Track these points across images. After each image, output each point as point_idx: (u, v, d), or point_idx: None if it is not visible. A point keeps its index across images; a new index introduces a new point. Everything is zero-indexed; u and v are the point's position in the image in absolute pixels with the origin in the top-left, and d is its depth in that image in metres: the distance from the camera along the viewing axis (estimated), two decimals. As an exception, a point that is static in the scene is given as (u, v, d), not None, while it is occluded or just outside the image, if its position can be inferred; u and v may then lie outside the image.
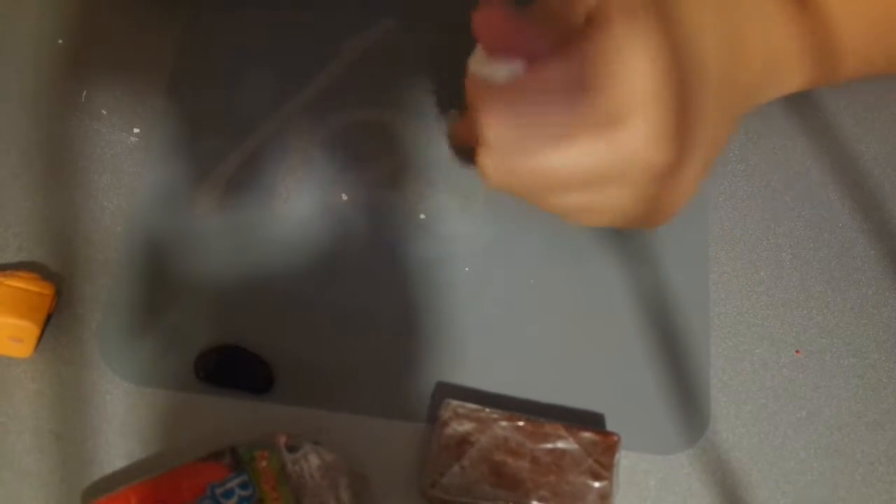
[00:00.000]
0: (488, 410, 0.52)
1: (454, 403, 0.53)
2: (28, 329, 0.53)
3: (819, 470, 0.55)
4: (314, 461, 0.51)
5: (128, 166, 0.60)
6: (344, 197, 0.59)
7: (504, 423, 0.52)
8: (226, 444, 0.51)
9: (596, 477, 0.51)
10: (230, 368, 0.54)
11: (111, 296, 0.56)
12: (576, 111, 0.39)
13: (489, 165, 0.41)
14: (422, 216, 0.59)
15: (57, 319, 0.56)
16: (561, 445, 0.52)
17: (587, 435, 0.52)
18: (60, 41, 0.63)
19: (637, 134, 0.39)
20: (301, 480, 0.50)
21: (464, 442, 0.52)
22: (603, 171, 0.40)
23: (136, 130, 0.61)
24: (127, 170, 0.60)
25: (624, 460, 0.54)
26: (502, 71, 0.42)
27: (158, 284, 0.57)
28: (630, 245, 0.59)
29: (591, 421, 0.55)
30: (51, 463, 0.53)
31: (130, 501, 0.49)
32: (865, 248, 0.60)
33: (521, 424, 0.52)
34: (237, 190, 0.59)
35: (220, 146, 0.60)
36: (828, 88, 0.64)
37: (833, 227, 0.61)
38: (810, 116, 0.64)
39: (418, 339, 0.56)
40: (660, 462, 0.55)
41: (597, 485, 0.51)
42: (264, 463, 0.50)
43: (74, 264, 0.57)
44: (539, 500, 0.51)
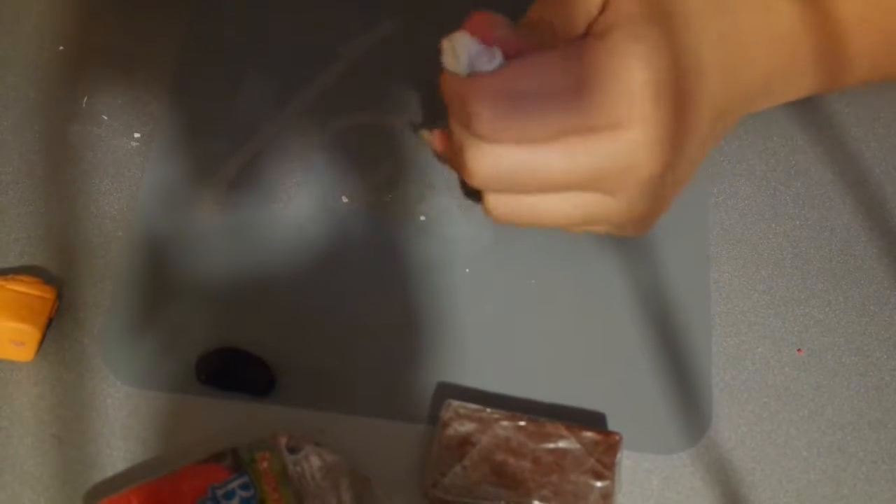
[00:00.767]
0: (489, 410, 0.52)
1: (455, 404, 0.53)
2: (29, 333, 0.53)
3: (822, 469, 0.55)
4: (315, 462, 0.51)
5: (129, 171, 0.60)
6: (344, 199, 0.60)
7: (505, 423, 0.52)
8: (227, 446, 0.51)
9: (598, 476, 0.51)
10: (231, 371, 0.54)
11: (112, 299, 0.56)
12: (574, 110, 0.39)
13: (478, 163, 0.40)
14: (422, 218, 0.59)
15: (58, 323, 0.56)
16: (562, 445, 0.52)
17: (589, 434, 0.52)
18: (61, 48, 0.64)
19: (634, 139, 0.39)
20: (302, 481, 0.50)
21: (465, 442, 0.52)
22: (597, 174, 0.40)
23: (137, 135, 0.61)
24: (128, 174, 0.60)
25: (626, 460, 0.54)
26: (486, 66, 0.41)
27: (159, 287, 0.57)
28: (631, 245, 0.59)
29: (593, 420, 0.55)
30: (52, 466, 0.53)
31: (132, 503, 0.49)
32: (866, 247, 0.60)
33: (523, 424, 0.52)
34: (238, 193, 0.59)
35: (221, 150, 0.61)
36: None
37: (834, 226, 0.61)
38: (811, 115, 0.64)
39: (419, 340, 0.56)
40: (662, 461, 0.54)
41: (599, 484, 0.51)
42: (265, 464, 0.50)
43: (76, 268, 0.57)
44: (541, 500, 0.50)
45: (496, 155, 0.39)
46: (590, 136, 0.39)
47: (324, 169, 0.60)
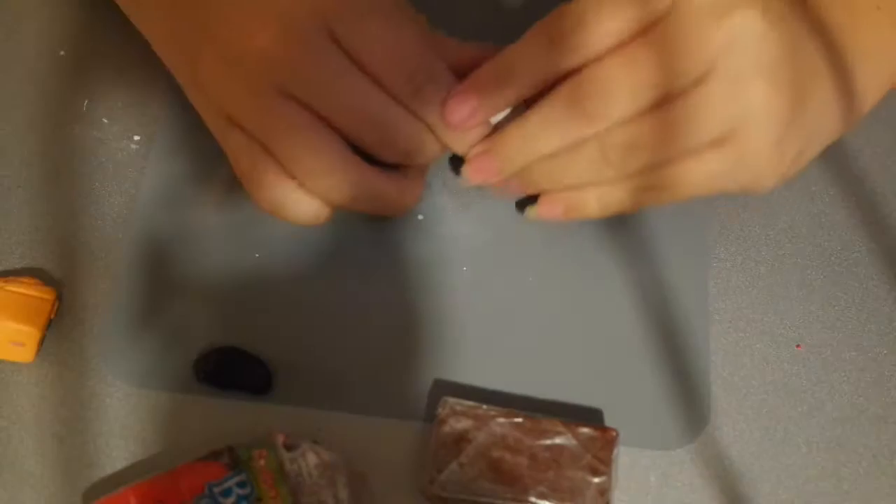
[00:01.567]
0: (486, 407, 0.52)
1: (452, 401, 0.53)
2: (29, 333, 0.54)
3: (821, 464, 0.55)
4: (312, 460, 0.51)
5: (128, 173, 0.61)
6: (342, 199, 0.60)
7: (502, 420, 0.52)
8: (224, 444, 0.51)
9: (595, 472, 0.51)
10: (229, 370, 0.54)
11: (111, 300, 0.57)
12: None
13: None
14: (420, 217, 0.60)
15: (58, 324, 0.56)
16: (559, 441, 0.52)
17: (585, 430, 0.52)
18: (62, 52, 0.64)
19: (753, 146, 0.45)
20: (299, 479, 0.50)
21: (462, 439, 0.52)
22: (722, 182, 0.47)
23: (137, 138, 0.62)
24: (127, 176, 0.60)
25: (624, 456, 0.54)
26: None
27: (158, 288, 0.57)
28: (629, 241, 0.59)
29: (590, 417, 0.55)
30: (52, 465, 0.53)
31: (130, 502, 0.49)
32: (866, 242, 0.60)
33: (519, 421, 0.52)
34: (237, 194, 0.60)
35: (220, 152, 0.61)
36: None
37: (833, 222, 0.61)
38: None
39: (416, 338, 0.56)
40: (660, 458, 0.54)
41: (595, 480, 0.51)
42: (262, 462, 0.50)
43: (75, 270, 0.58)
44: (537, 496, 0.50)
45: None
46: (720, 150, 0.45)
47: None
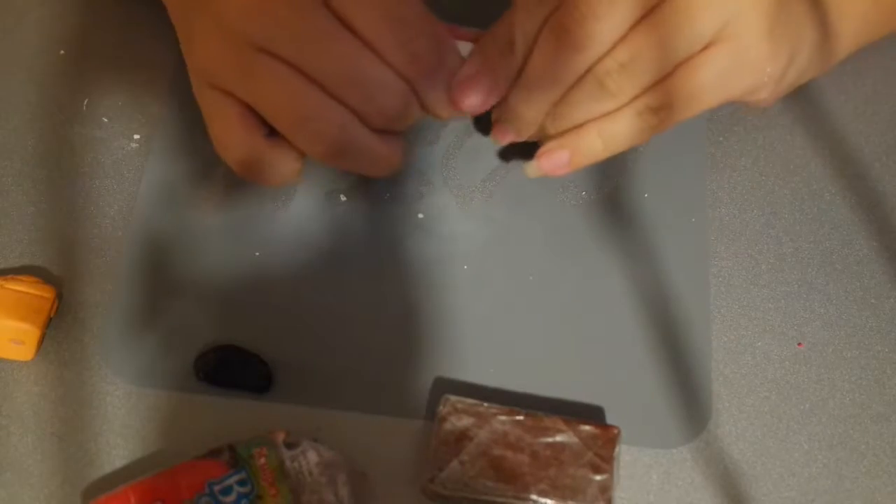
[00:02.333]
0: (487, 405, 0.52)
1: (453, 399, 0.53)
2: (29, 332, 0.54)
3: (823, 462, 0.55)
4: (312, 458, 0.51)
5: (128, 172, 0.60)
6: (343, 198, 0.60)
7: (503, 418, 0.52)
8: (224, 443, 0.51)
9: (596, 470, 0.51)
10: (229, 368, 0.54)
11: (111, 298, 0.57)
12: None
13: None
14: (420, 215, 0.59)
15: (58, 322, 0.56)
16: (560, 439, 0.51)
17: (587, 428, 0.52)
18: (62, 51, 0.64)
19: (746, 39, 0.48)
20: (299, 477, 0.50)
21: (463, 437, 0.51)
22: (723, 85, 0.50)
23: (137, 137, 0.62)
24: (127, 175, 0.60)
25: (626, 455, 0.54)
26: None
27: (158, 287, 0.57)
28: (630, 239, 0.59)
29: (592, 415, 0.55)
30: (52, 464, 0.53)
31: (130, 500, 0.49)
32: (867, 239, 0.60)
33: (521, 419, 0.52)
34: (236, 193, 0.60)
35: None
36: (827, 79, 0.64)
37: (834, 220, 0.61)
38: (810, 109, 0.63)
39: (417, 336, 0.56)
40: (662, 456, 0.54)
41: (597, 478, 0.51)
42: (263, 460, 0.50)
43: (75, 268, 0.57)
44: (539, 494, 0.50)
45: None
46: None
47: (321, 167, 0.60)
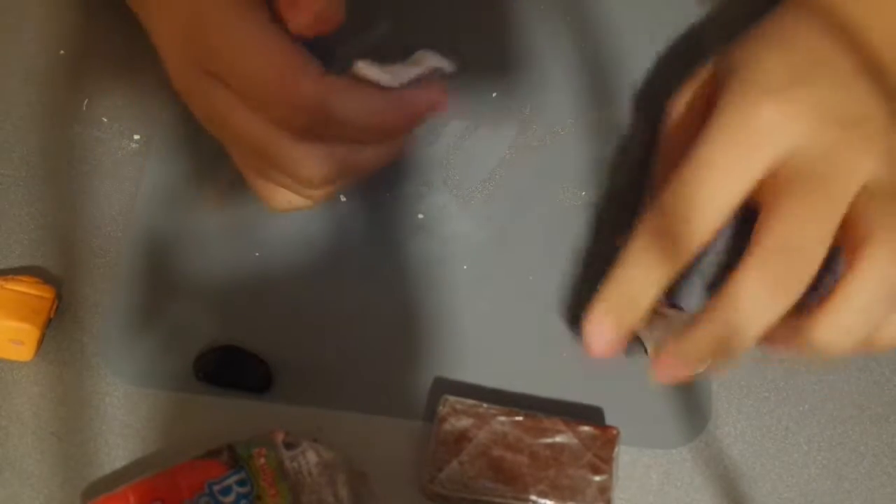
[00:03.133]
0: (486, 406, 0.52)
1: (452, 399, 0.53)
2: (29, 332, 0.54)
3: (822, 463, 0.55)
4: (312, 458, 0.51)
5: (128, 172, 0.60)
6: (342, 198, 0.60)
7: (502, 419, 0.52)
8: (224, 443, 0.51)
9: (595, 471, 0.51)
10: (229, 368, 0.54)
11: (111, 299, 0.57)
12: None
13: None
14: (420, 216, 0.59)
15: (57, 322, 0.56)
16: (560, 440, 0.51)
17: (586, 429, 0.52)
18: (62, 51, 0.64)
19: None
20: (299, 477, 0.50)
21: (462, 437, 0.51)
22: None
23: (137, 137, 0.61)
24: (127, 175, 0.60)
25: (625, 455, 0.54)
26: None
27: (157, 287, 0.57)
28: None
29: (591, 416, 0.55)
30: (52, 464, 0.53)
31: (129, 500, 0.49)
32: (866, 241, 0.60)
33: (520, 419, 0.52)
34: (236, 193, 0.60)
35: (220, 150, 0.61)
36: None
37: (833, 221, 0.60)
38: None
39: (417, 337, 0.56)
40: (661, 457, 0.54)
41: (596, 478, 0.51)
42: (262, 460, 0.50)
43: (75, 268, 0.57)
44: (538, 495, 0.50)
45: None
46: None
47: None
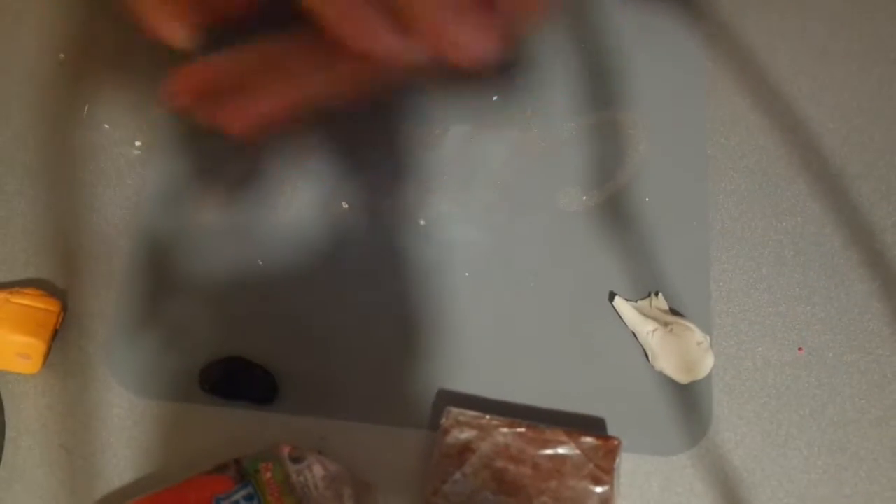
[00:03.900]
0: (489, 417, 0.53)
1: (455, 411, 0.53)
2: (35, 346, 0.54)
3: (822, 468, 0.55)
4: (318, 471, 0.51)
5: (131, 179, 0.60)
6: (344, 205, 0.60)
7: (505, 430, 0.52)
8: (231, 456, 0.52)
9: (597, 482, 0.51)
10: (234, 380, 0.55)
11: (116, 310, 0.57)
12: None
13: None
14: (422, 222, 0.60)
15: (63, 334, 0.56)
16: (562, 451, 0.52)
17: (588, 440, 0.52)
18: (62, 56, 0.64)
19: None
20: (305, 491, 0.51)
21: (465, 449, 0.52)
22: None
23: (138, 143, 0.61)
24: (130, 183, 0.60)
25: (626, 462, 0.54)
26: None
27: (162, 297, 0.57)
28: (630, 246, 0.59)
29: (593, 425, 0.55)
30: (60, 476, 0.54)
31: (138, 515, 0.50)
32: (868, 243, 0.60)
33: (522, 431, 0.52)
34: (239, 201, 0.60)
35: (221, 158, 0.61)
36: (829, 79, 0.63)
37: (835, 223, 0.60)
38: (812, 110, 0.63)
39: (419, 347, 0.57)
40: (662, 463, 0.55)
41: (598, 490, 0.51)
42: (269, 474, 0.51)
43: (79, 279, 0.58)
44: (541, 506, 0.51)
45: None
46: None
47: (323, 175, 0.60)
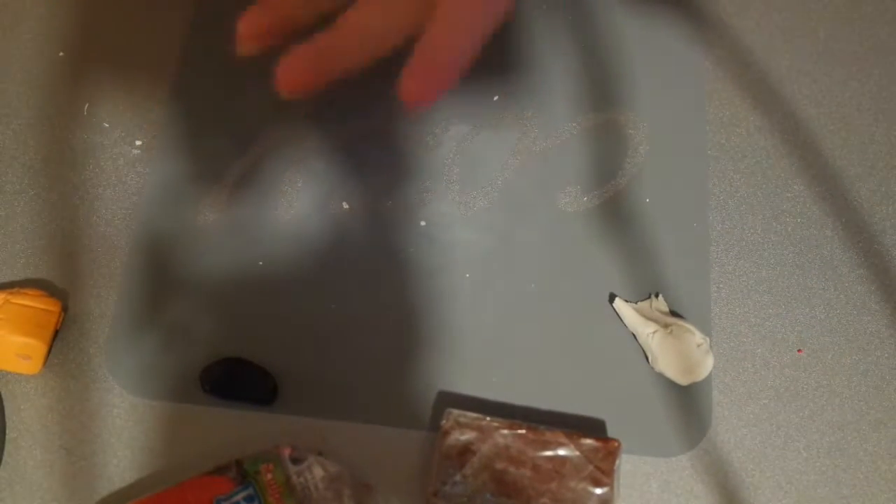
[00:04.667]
0: (489, 419, 0.53)
1: (455, 413, 0.53)
2: (36, 347, 0.54)
3: (821, 469, 0.55)
4: (318, 472, 0.51)
5: (131, 179, 0.60)
6: (345, 205, 0.60)
7: (505, 432, 0.53)
8: (231, 457, 0.52)
9: (597, 483, 0.52)
10: (235, 380, 0.55)
11: (117, 310, 0.57)
12: None
13: None
14: (422, 223, 0.60)
15: (64, 335, 0.56)
16: (562, 452, 0.52)
17: (588, 441, 0.52)
18: (61, 54, 0.64)
19: None
20: (306, 492, 0.51)
21: (465, 451, 0.52)
22: None
23: (139, 143, 0.61)
24: (130, 182, 0.60)
25: (625, 464, 0.54)
26: None
27: (163, 298, 0.57)
28: (630, 247, 0.59)
29: (592, 426, 0.55)
30: (61, 477, 0.54)
31: (139, 516, 0.50)
32: (868, 245, 0.60)
33: (522, 432, 0.53)
34: (239, 202, 0.60)
35: (223, 158, 0.61)
36: (829, 80, 0.64)
37: (835, 225, 0.61)
38: (812, 111, 0.63)
39: (420, 348, 0.57)
40: (661, 465, 0.55)
41: (598, 491, 0.51)
42: (269, 475, 0.51)
43: (80, 279, 0.58)
44: (541, 507, 0.51)
45: None
46: None
47: (324, 176, 0.60)
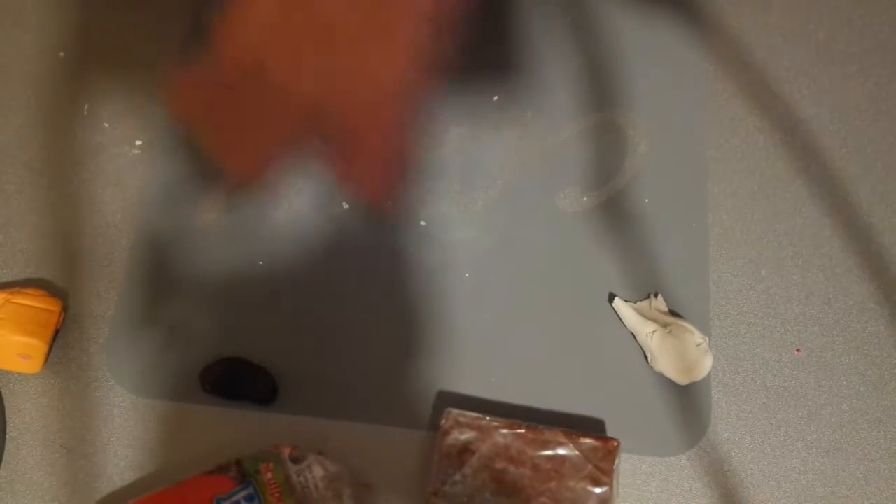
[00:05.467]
0: (489, 419, 0.53)
1: (455, 412, 0.53)
2: (36, 346, 0.54)
3: (820, 468, 0.55)
4: (318, 472, 0.51)
5: (131, 179, 0.60)
6: (345, 205, 0.60)
7: (504, 431, 0.53)
8: (231, 457, 0.52)
9: (596, 483, 0.52)
10: (235, 380, 0.55)
11: (117, 310, 0.57)
12: None
13: None
14: (422, 223, 0.60)
15: (64, 334, 0.56)
16: (561, 452, 0.52)
17: (587, 441, 0.53)
18: (61, 54, 0.64)
19: None
20: (305, 491, 0.51)
21: (465, 450, 0.52)
22: None
23: (139, 143, 0.61)
24: (130, 182, 0.60)
25: (625, 463, 0.55)
26: None
27: (163, 297, 0.57)
28: (630, 247, 0.59)
29: (592, 426, 0.55)
30: (62, 476, 0.54)
31: (139, 515, 0.50)
32: (866, 245, 0.60)
33: (522, 432, 0.53)
34: (240, 202, 0.60)
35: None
36: (828, 81, 0.64)
37: (834, 224, 0.61)
38: (812, 112, 0.63)
39: (420, 347, 0.57)
40: (661, 464, 0.55)
41: (597, 490, 0.52)
42: (269, 475, 0.51)
43: (80, 279, 0.58)
44: (540, 507, 0.51)
45: None
46: None
47: (324, 176, 0.60)
